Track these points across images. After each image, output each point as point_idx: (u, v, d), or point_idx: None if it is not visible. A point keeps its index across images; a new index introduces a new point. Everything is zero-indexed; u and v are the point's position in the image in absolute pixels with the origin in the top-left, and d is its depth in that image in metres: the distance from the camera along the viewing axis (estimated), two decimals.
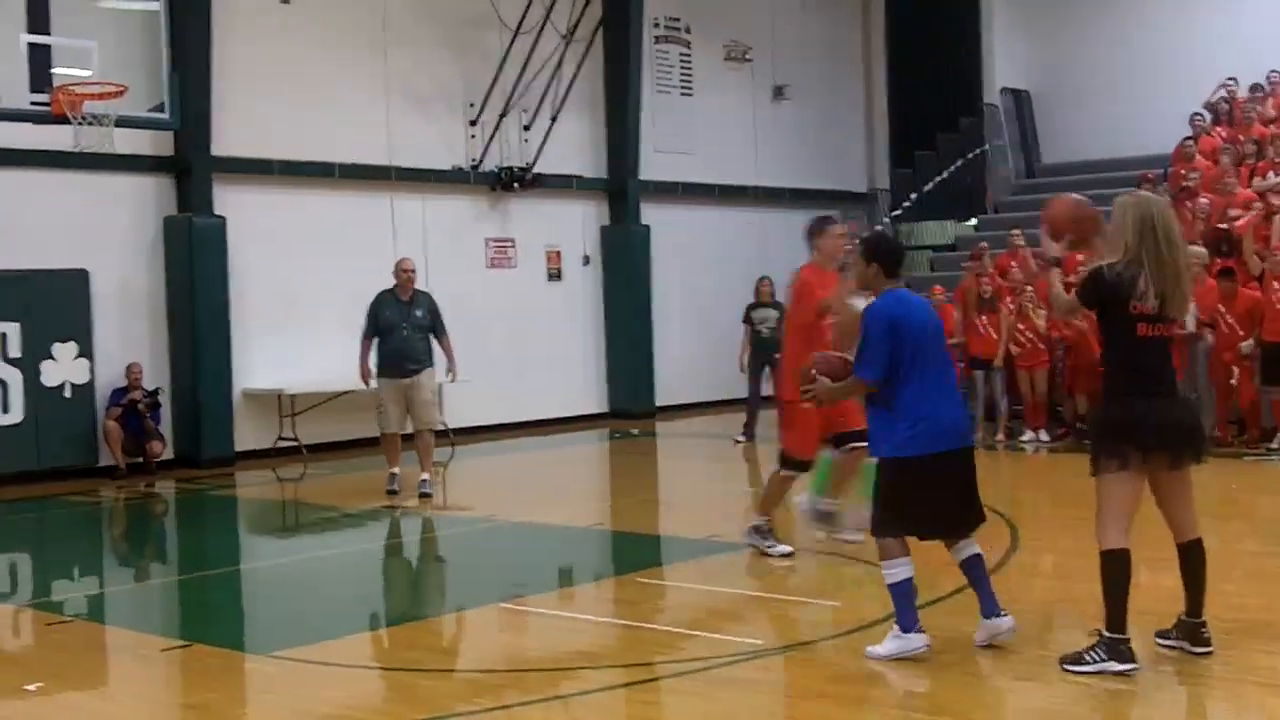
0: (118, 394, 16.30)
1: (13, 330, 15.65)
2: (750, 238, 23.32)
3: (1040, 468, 16.01)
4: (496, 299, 20.25)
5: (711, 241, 23.08)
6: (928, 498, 7.24)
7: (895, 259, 7.51)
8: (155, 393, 16.60)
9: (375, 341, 13.87)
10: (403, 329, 13.80)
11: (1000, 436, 17.01)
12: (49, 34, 13.39)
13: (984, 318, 17.16)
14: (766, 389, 18.00)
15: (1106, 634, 6.85)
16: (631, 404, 21.55)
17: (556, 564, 11.16)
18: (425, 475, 14.09)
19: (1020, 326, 16.86)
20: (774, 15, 24.57)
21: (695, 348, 22.18)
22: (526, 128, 20.43)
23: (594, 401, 21.68)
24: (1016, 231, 18.79)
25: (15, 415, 15.66)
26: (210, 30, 16.93)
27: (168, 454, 16.74)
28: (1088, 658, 6.88)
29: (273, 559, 12.33)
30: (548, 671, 7.59)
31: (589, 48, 20.46)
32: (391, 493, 14.05)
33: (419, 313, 13.90)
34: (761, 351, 17.90)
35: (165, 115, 14.39)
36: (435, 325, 14.03)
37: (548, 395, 20.83)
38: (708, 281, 22.52)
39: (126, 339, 16.67)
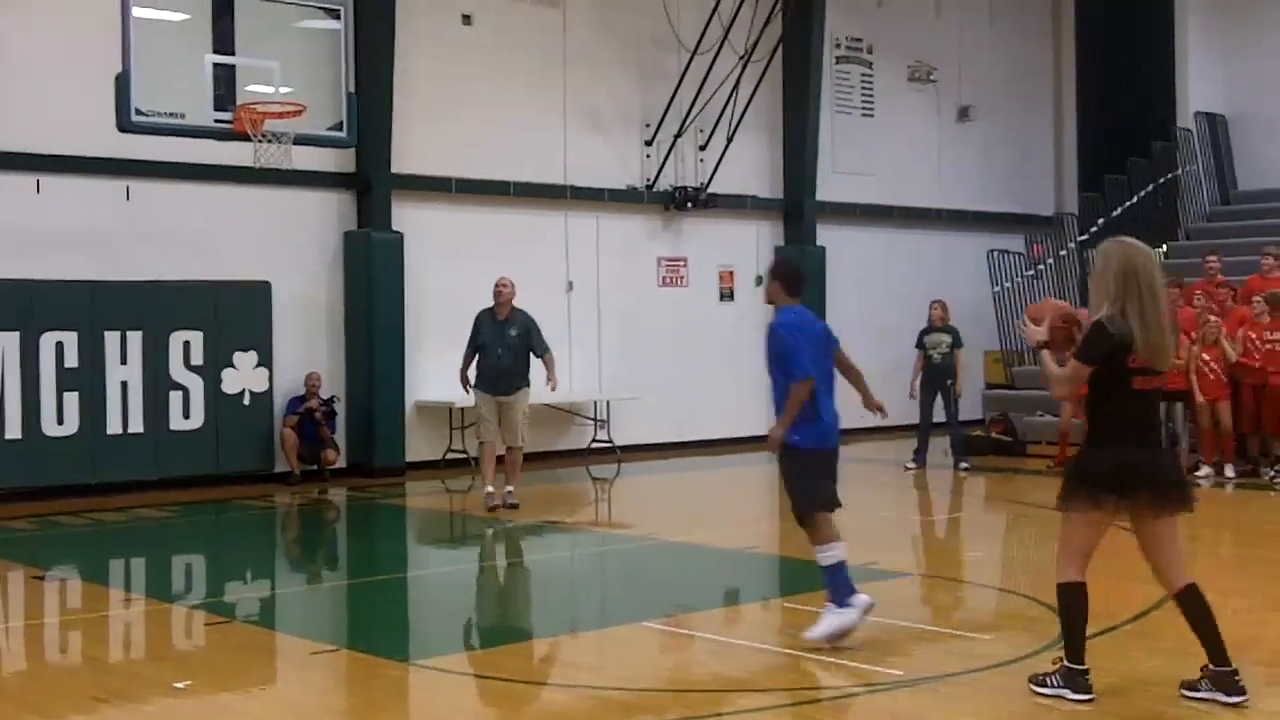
0: (295, 402, 16.71)
1: (196, 339, 16.14)
2: (930, 261, 23.09)
3: (1216, 503, 15.52)
4: (667, 317, 20.33)
5: (889, 264, 22.88)
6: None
7: (794, 283, 8.69)
8: (331, 401, 16.99)
9: (476, 357, 14.31)
10: (497, 349, 14.19)
11: None
12: (233, 54, 13.76)
13: None
14: (938, 415, 17.78)
15: (1066, 664, 7.02)
16: None
17: (709, 585, 11.14)
18: (510, 488, 14.41)
19: (1205, 357, 16.34)
20: (960, 36, 24.29)
21: (869, 371, 21.54)
22: (702, 147, 20.50)
23: (763, 422, 21.23)
24: (1213, 258, 18.22)
25: (196, 421, 16.14)
26: (393, 49, 17.32)
27: (341, 462, 17.13)
28: (1048, 681, 7.08)
29: (432, 569, 12.53)
30: (683, 693, 7.60)
31: (767, 68, 20.44)
32: (492, 509, 14.30)
33: (513, 332, 14.21)
34: (933, 377, 17.67)
35: (343, 134, 14.66)
36: (533, 343, 14.32)
37: (716, 415, 20.81)
38: (884, 304, 22.31)
39: (305, 350, 17.10)
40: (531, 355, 14.41)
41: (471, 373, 14.38)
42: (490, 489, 14.43)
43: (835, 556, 8.53)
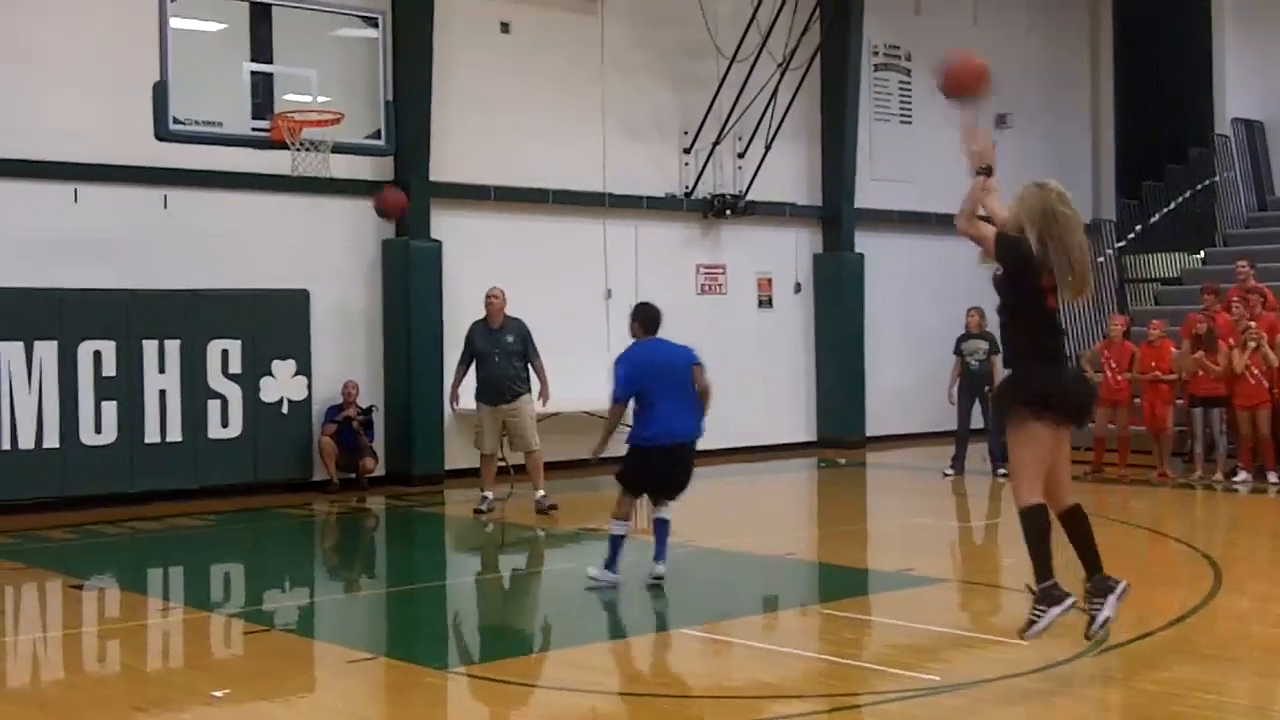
0: (333, 411, 16.74)
1: (234, 347, 16.18)
2: (967, 267, 22.85)
3: (1255, 509, 15.42)
4: (706, 325, 20.20)
5: (928, 271, 22.77)
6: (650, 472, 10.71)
7: (651, 323, 10.86)
8: (369, 410, 17.02)
9: (473, 369, 14.63)
10: (494, 356, 14.45)
11: (1219, 476, 16.45)
12: (271, 62, 13.81)
13: (1200, 354, 16.62)
14: (976, 421, 17.71)
15: (1037, 587, 7.39)
16: (841, 433, 21.38)
17: (746, 592, 11.11)
18: (541, 492, 14.74)
19: (1248, 361, 16.22)
20: (998, 43, 24.12)
21: (907, 378, 21.91)
22: (741, 155, 20.48)
23: (803, 429, 21.58)
24: (1243, 263, 18.12)
25: (235, 429, 16.18)
26: (430, 58, 17.36)
27: (379, 470, 17.15)
28: (1034, 618, 7.38)
29: (471, 576, 12.51)
30: (722, 699, 7.57)
31: (805, 75, 20.41)
32: (478, 511, 14.70)
33: (509, 339, 14.50)
34: (971, 383, 17.63)
35: (381, 142, 14.68)
36: (528, 350, 14.62)
37: (756, 422, 20.77)
38: (922, 311, 22.23)
39: (343, 358, 17.12)
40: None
41: (467, 389, 14.73)
42: (489, 494, 14.84)
43: (621, 531, 10.64)
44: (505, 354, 14.47)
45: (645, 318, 10.95)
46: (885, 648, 8.81)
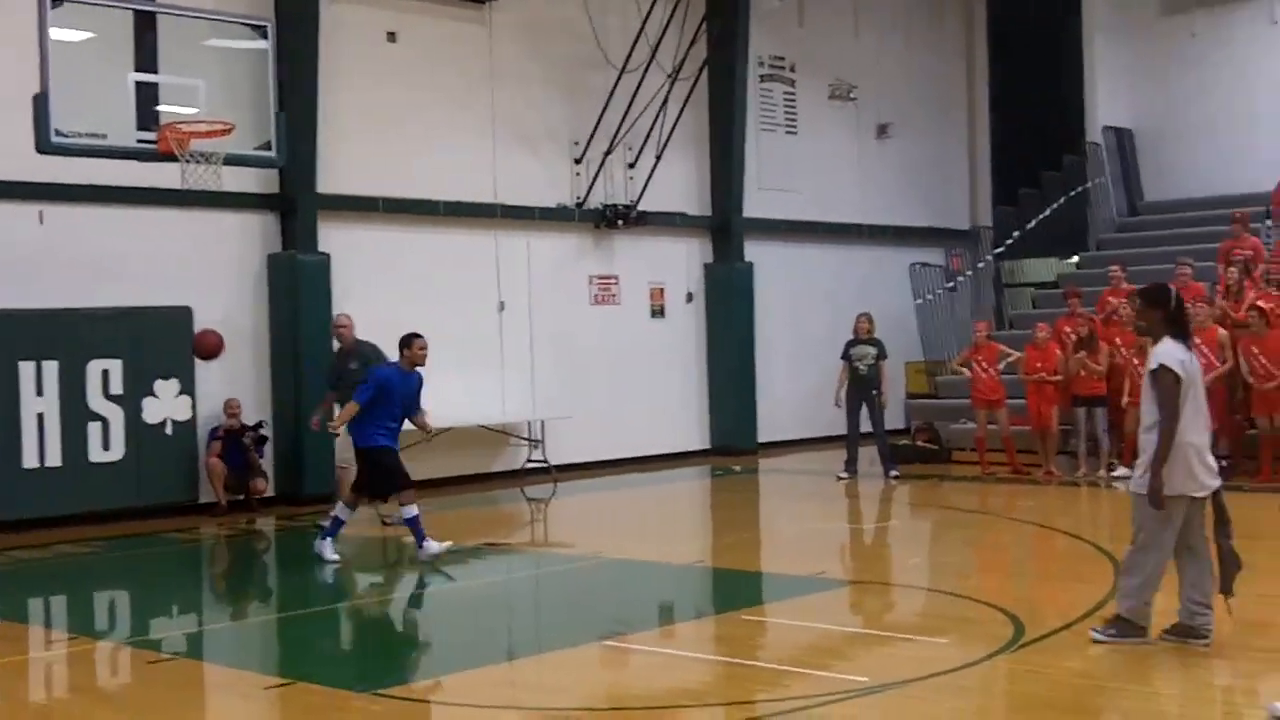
0: (216, 430, 16.27)
1: (115, 367, 15.67)
2: (854, 275, 23.16)
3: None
4: (599, 336, 20.20)
5: (815, 279, 22.93)
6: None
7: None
8: (259, 426, 16.62)
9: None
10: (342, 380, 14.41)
11: (1103, 473, 16.80)
12: (156, 72, 13.39)
13: (1082, 354, 16.97)
14: (865, 425, 17.81)
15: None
16: (734, 441, 21.39)
17: (658, 601, 11.03)
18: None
19: (1135, 361, 16.53)
20: (878, 54, 24.45)
21: (798, 384, 21.99)
22: (631, 165, 20.41)
23: (696, 438, 21.54)
24: (1116, 267, 18.57)
25: (117, 452, 15.67)
26: (317, 69, 17.04)
27: (269, 491, 16.75)
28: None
29: (372, 597, 12.22)
30: (647, 710, 7.47)
31: (694, 87, 20.41)
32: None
33: (353, 365, 14.48)
34: (860, 388, 17.74)
35: (271, 153, 14.30)
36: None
37: (650, 432, 20.73)
38: (811, 318, 22.35)
39: (229, 376, 16.68)
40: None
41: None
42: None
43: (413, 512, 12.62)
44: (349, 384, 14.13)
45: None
46: (808, 651, 8.74)
